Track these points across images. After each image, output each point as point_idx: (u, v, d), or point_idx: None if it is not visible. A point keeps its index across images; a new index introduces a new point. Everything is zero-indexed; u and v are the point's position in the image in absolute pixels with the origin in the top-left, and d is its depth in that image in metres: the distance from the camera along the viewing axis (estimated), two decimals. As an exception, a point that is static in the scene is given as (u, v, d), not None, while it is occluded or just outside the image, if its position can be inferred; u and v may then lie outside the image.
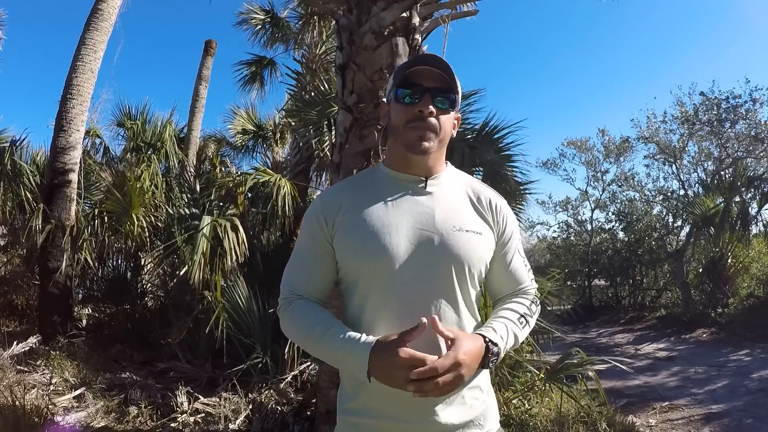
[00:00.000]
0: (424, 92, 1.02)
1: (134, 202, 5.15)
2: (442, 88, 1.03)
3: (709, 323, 8.33)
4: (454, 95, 1.04)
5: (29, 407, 3.17)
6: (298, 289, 1.09)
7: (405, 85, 1.03)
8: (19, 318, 5.71)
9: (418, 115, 1.01)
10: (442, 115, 1.03)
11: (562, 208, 15.51)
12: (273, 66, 8.42)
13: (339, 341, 0.96)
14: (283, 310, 1.08)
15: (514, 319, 1.08)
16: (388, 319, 1.00)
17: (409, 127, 1.02)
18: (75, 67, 5.25)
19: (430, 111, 1.01)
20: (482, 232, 1.06)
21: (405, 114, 1.03)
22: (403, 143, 1.04)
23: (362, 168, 2.50)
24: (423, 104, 1.01)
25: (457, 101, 1.07)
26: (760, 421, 3.81)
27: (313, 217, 1.09)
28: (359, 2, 2.61)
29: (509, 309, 1.11)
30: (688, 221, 10.59)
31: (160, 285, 5.92)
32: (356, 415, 1.03)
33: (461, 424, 1.01)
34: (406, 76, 1.03)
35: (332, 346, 0.97)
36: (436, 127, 1.02)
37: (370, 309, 1.02)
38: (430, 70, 1.02)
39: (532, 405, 3.36)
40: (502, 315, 1.09)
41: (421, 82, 1.02)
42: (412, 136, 1.02)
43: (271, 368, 3.72)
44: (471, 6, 3.15)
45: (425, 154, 1.03)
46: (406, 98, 1.03)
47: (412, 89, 1.03)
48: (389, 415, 0.99)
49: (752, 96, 10.88)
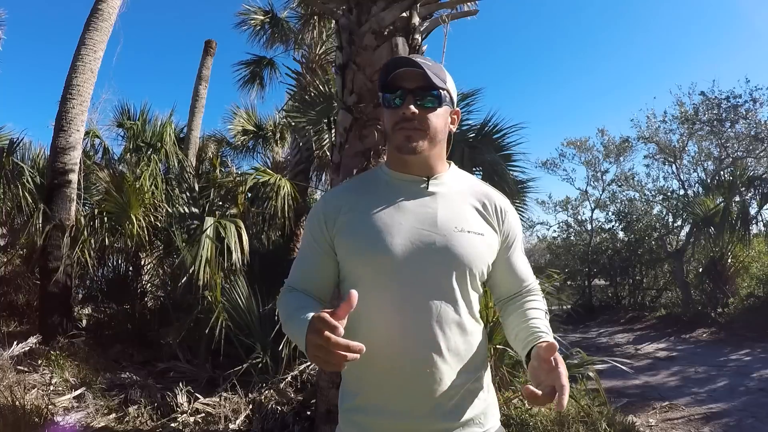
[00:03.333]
0: (406, 94, 1.03)
1: (133, 203, 5.15)
2: (424, 87, 1.03)
3: (709, 323, 8.33)
4: (439, 91, 1.04)
5: (29, 407, 3.17)
6: (298, 286, 1.11)
7: (388, 90, 1.05)
8: (19, 318, 5.71)
9: (402, 116, 1.03)
10: (428, 113, 1.03)
11: (562, 207, 15.51)
12: (273, 66, 8.43)
13: (300, 320, 0.92)
14: (278, 302, 1.12)
15: (543, 316, 1.10)
16: (389, 319, 1.00)
17: (396, 129, 1.04)
18: (75, 67, 5.25)
19: (412, 111, 1.02)
20: (484, 233, 1.06)
21: (392, 117, 1.05)
22: (393, 146, 1.06)
23: (362, 168, 2.50)
24: (404, 106, 1.02)
25: (445, 96, 1.06)
26: (761, 420, 3.81)
27: (315, 218, 1.10)
28: (359, 2, 2.61)
29: (535, 308, 1.11)
30: (688, 221, 10.58)
31: (160, 285, 5.92)
32: (358, 412, 1.03)
33: (462, 422, 1.01)
34: (389, 82, 1.05)
35: (295, 325, 0.95)
36: (423, 126, 1.03)
37: (372, 309, 1.02)
38: (408, 71, 1.03)
39: (532, 405, 3.36)
40: (535, 315, 1.09)
41: (402, 83, 1.04)
42: (400, 137, 1.04)
43: (271, 368, 3.72)
44: (471, 6, 3.15)
45: (414, 154, 1.04)
46: (392, 102, 1.05)
47: (395, 93, 1.04)
48: (390, 412, 0.99)
49: (752, 96, 10.90)
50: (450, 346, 0.99)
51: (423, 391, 0.98)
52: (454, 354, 1.00)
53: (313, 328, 0.83)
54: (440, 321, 0.99)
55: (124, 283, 6.00)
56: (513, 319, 1.12)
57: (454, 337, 1.00)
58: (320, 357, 0.81)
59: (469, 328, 1.04)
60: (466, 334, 1.02)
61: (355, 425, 1.04)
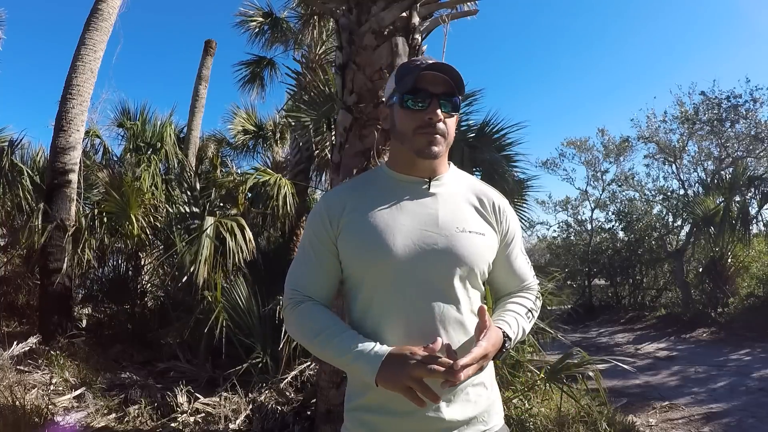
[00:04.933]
0: (431, 98, 1.02)
1: (132, 203, 5.16)
2: (448, 93, 1.04)
3: (710, 323, 8.33)
4: (458, 98, 1.06)
5: (29, 407, 3.18)
6: (305, 289, 1.10)
7: (411, 91, 1.04)
8: (19, 318, 5.72)
9: (428, 122, 1.02)
10: (448, 119, 1.05)
11: (562, 207, 15.50)
12: (273, 66, 8.42)
13: (348, 348, 0.97)
14: (290, 311, 1.09)
15: (523, 313, 1.12)
16: (392, 319, 1.01)
17: (419, 134, 1.04)
18: (75, 67, 5.25)
19: (440, 118, 1.02)
20: (485, 233, 1.07)
21: (413, 120, 1.04)
22: (413, 149, 1.05)
23: (362, 168, 2.50)
24: (431, 111, 1.02)
25: (459, 102, 1.08)
26: (761, 420, 3.81)
27: (318, 218, 1.10)
28: (359, 2, 2.60)
29: (517, 303, 1.15)
30: (688, 221, 10.58)
31: (160, 285, 5.92)
32: (363, 411, 1.04)
33: (465, 420, 1.02)
34: (414, 82, 1.03)
35: (341, 351, 0.98)
36: (444, 131, 1.04)
37: (375, 309, 1.03)
38: (435, 75, 1.03)
39: (533, 405, 3.36)
40: (512, 309, 1.12)
41: (428, 87, 1.03)
42: (423, 142, 1.03)
43: (271, 368, 3.72)
44: (471, 6, 3.15)
45: (435, 158, 1.05)
46: (414, 104, 1.03)
47: (418, 95, 1.03)
48: (395, 411, 1.00)
49: (752, 96, 10.91)
50: (453, 345, 0.99)
51: None
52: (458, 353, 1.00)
53: (413, 377, 0.89)
54: (443, 320, 1.00)
55: (124, 283, 6.00)
56: (495, 309, 1.16)
57: (457, 336, 1.01)
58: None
59: (472, 327, 1.04)
60: (469, 333, 1.03)
61: (361, 424, 1.05)
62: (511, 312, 1.11)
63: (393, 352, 0.94)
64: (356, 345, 0.97)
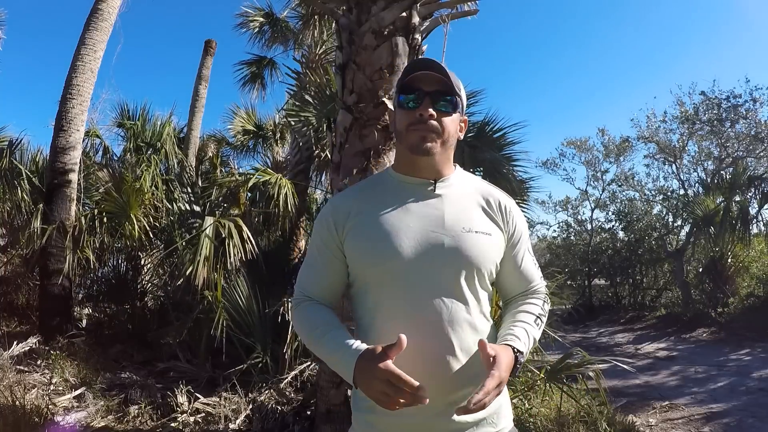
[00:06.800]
0: (424, 96, 1.04)
1: (132, 203, 5.15)
2: (442, 91, 1.05)
3: (710, 323, 8.33)
4: (455, 98, 1.06)
5: (29, 407, 3.17)
6: (309, 291, 1.13)
7: (406, 91, 1.06)
8: (19, 318, 5.71)
9: (419, 118, 1.04)
10: (444, 117, 1.05)
11: (562, 207, 15.52)
12: (273, 66, 8.43)
13: (334, 345, 1.00)
14: (293, 311, 1.14)
15: (531, 321, 1.11)
16: (400, 320, 1.01)
17: (410, 130, 1.05)
18: (75, 67, 5.25)
19: (430, 113, 1.03)
20: (491, 233, 1.08)
21: (407, 118, 1.06)
22: (406, 146, 1.07)
23: (362, 168, 2.50)
24: (422, 108, 1.04)
25: (460, 104, 1.08)
26: (761, 420, 3.81)
27: (324, 222, 1.11)
28: (359, 2, 2.60)
29: (525, 311, 1.13)
30: (688, 221, 10.59)
31: (160, 285, 5.92)
32: (371, 412, 1.04)
33: (474, 422, 1.02)
34: (407, 82, 1.06)
35: (328, 349, 1.01)
36: (437, 128, 1.05)
37: (382, 311, 1.04)
38: (429, 75, 1.05)
39: (533, 405, 3.36)
40: (521, 318, 1.10)
41: (421, 86, 1.05)
42: (415, 138, 1.05)
43: (271, 368, 3.72)
44: (471, 5, 3.14)
45: (428, 155, 1.05)
46: (408, 103, 1.06)
47: (413, 94, 1.05)
48: (403, 412, 0.99)
49: (752, 95, 10.91)
50: (462, 345, 1.00)
51: (436, 391, 0.97)
52: (467, 353, 1.01)
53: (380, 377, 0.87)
54: (452, 321, 1.00)
55: (124, 283, 6.00)
56: (504, 320, 1.14)
57: (466, 337, 1.01)
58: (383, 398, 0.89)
59: (481, 327, 1.05)
60: (478, 333, 1.03)
61: (369, 425, 1.05)
62: (520, 323, 1.09)
63: (368, 348, 0.93)
64: (339, 342, 0.98)
